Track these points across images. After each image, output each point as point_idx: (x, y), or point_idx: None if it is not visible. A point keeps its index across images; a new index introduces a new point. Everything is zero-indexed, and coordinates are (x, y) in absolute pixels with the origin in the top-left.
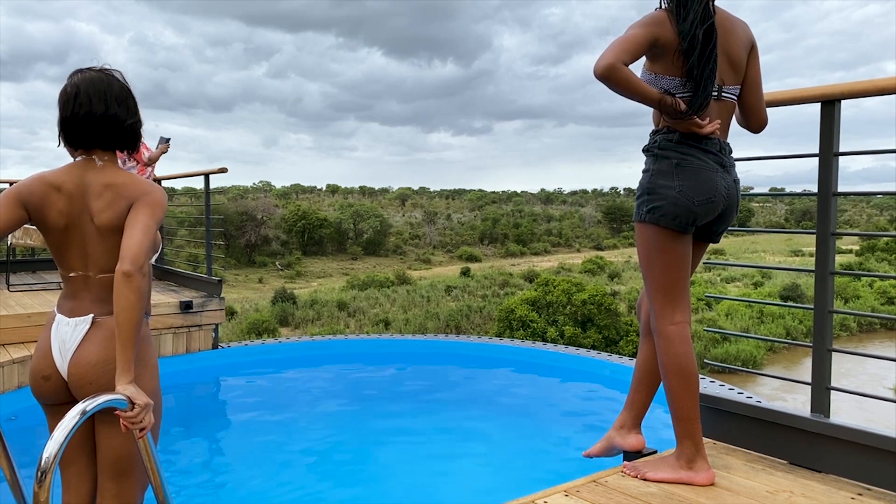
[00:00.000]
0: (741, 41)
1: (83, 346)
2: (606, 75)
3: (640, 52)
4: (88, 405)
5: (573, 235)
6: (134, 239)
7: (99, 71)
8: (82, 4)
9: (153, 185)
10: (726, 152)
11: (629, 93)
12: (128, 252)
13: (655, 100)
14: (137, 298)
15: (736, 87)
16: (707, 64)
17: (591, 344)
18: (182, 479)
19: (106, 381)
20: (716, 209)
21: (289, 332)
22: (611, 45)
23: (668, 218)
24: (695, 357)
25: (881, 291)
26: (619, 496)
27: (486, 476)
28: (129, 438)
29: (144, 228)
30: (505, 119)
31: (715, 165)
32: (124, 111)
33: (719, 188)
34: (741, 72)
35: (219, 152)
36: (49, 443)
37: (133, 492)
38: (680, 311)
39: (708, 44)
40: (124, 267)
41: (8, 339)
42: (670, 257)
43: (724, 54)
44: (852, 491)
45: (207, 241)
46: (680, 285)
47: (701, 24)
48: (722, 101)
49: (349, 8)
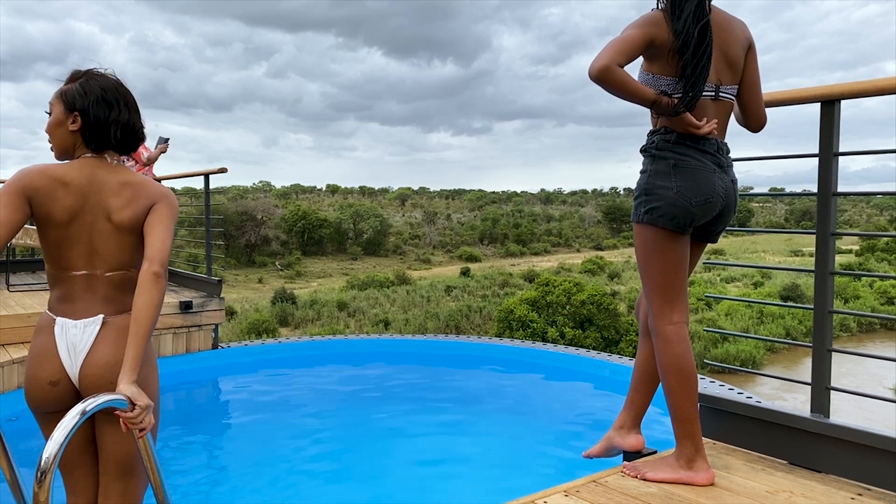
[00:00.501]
0: (738, 40)
1: (96, 348)
2: (601, 77)
3: (636, 53)
4: (88, 405)
5: (573, 235)
6: (162, 241)
7: (112, 76)
8: (82, 4)
9: (169, 189)
10: (724, 152)
11: (624, 94)
12: (157, 254)
13: (650, 100)
14: (161, 298)
15: (734, 87)
16: (700, 61)
17: (591, 344)
18: (181, 479)
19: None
20: (713, 209)
21: (289, 332)
22: (606, 47)
23: (665, 218)
24: (693, 357)
25: (881, 291)
26: (618, 496)
27: (486, 476)
28: (133, 438)
29: (168, 230)
30: (504, 119)
31: (712, 166)
32: (137, 117)
33: (717, 188)
34: (739, 71)
35: (218, 152)
36: (49, 443)
37: (137, 491)
38: (678, 312)
39: (702, 42)
40: (154, 268)
41: (8, 340)
42: (668, 258)
43: (720, 53)
44: (852, 491)
45: (207, 241)
46: (678, 286)
47: (695, 22)
48: (720, 101)
49: (349, 8)
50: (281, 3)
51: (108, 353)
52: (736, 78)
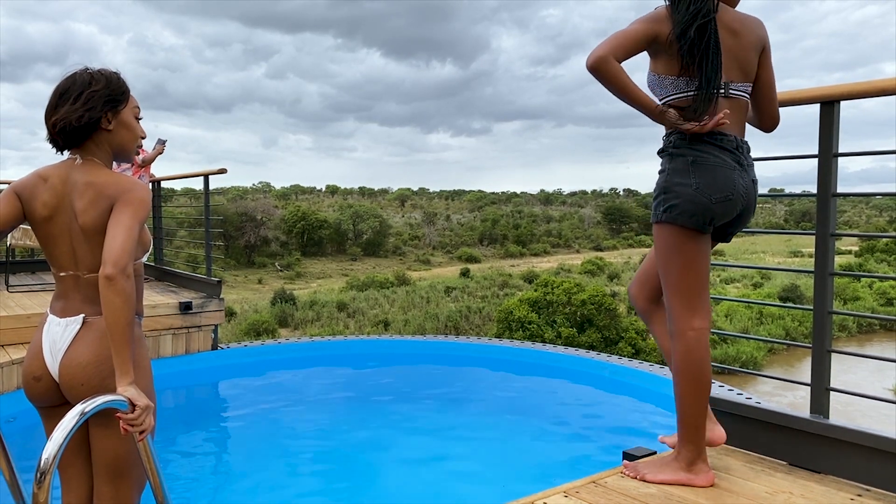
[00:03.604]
0: (749, 40)
1: (73, 347)
2: (595, 66)
3: (635, 49)
4: (87, 406)
5: (573, 236)
6: (116, 241)
7: (83, 71)
8: (81, 5)
9: (135, 183)
10: (744, 151)
11: (619, 89)
12: (109, 255)
13: (653, 111)
14: (123, 301)
15: (745, 85)
16: (706, 59)
17: (590, 344)
18: (181, 480)
19: (97, 381)
20: (734, 208)
21: (288, 332)
22: (606, 39)
23: (685, 216)
24: (710, 365)
25: (881, 292)
26: (618, 497)
27: (486, 476)
28: (123, 440)
29: (126, 229)
30: (504, 120)
31: (732, 163)
32: (79, 108)
33: (737, 186)
34: (749, 71)
35: (218, 153)
36: (48, 443)
37: (130, 493)
38: (699, 316)
39: (701, 39)
40: (106, 270)
41: (7, 340)
42: (687, 258)
43: (728, 51)
44: (852, 492)
45: (207, 241)
46: (698, 287)
47: (695, 18)
48: (732, 99)
49: (347, 9)
50: (279, 4)
51: (85, 352)
52: (747, 77)
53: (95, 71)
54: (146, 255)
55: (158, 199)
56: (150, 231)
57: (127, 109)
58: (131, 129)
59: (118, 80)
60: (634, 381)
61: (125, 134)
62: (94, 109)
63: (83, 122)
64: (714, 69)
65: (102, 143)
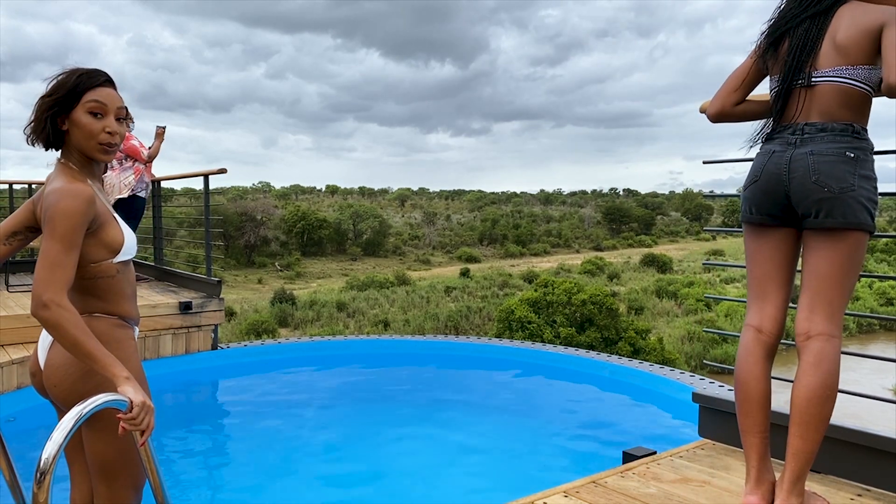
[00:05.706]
0: (857, 25)
1: (53, 347)
2: (717, 121)
3: (751, 80)
4: (86, 406)
5: (572, 236)
6: (36, 272)
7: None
8: (81, 6)
9: (55, 192)
10: (803, 131)
11: (751, 120)
12: (33, 290)
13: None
14: (58, 330)
15: (837, 69)
16: (792, 57)
17: (589, 344)
18: (181, 480)
19: (68, 384)
20: (766, 190)
21: (288, 332)
22: (722, 86)
23: (741, 213)
24: (751, 366)
25: (880, 292)
26: (618, 497)
27: (486, 477)
28: (109, 443)
29: (42, 255)
30: (503, 120)
31: (772, 147)
32: (39, 106)
33: (765, 167)
34: (850, 55)
35: (218, 153)
36: (48, 444)
37: (124, 493)
38: (752, 312)
39: (772, 36)
40: (31, 308)
41: (7, 340)
42: (749, 251)
43: (829, 39)
44: (852, 492)
45: (207, 241)
46: (754, 282)
47: (784, 21)
48: (812, 88)
49: (347, 9)
50: (279, 4)
51: (58, 355)
52: (845, 60)
53: (55, 76)
54: (126, 255)
55: (158, 199)
56: (136, 227)
57: (79, 108)
58: (81, 127)
59: (65, 81)
60: (634, 381)
61: (77, 133)
62: (38, 120)
63: (32, 133)
64: (790, 66)
65: (70, 144)
